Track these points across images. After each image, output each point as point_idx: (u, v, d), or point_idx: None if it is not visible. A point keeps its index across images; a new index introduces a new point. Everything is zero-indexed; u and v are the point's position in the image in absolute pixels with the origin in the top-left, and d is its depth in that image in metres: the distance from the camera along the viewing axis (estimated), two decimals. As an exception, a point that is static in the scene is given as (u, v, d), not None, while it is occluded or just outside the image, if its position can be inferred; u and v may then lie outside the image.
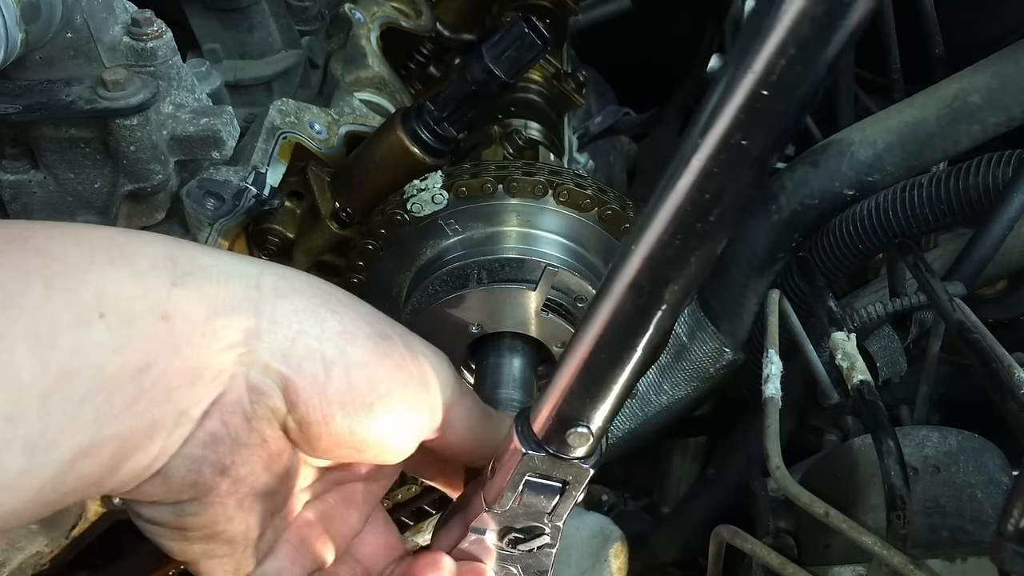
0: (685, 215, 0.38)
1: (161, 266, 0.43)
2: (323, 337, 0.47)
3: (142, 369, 0.41)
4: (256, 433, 0.47)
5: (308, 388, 0.46)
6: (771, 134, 0.36)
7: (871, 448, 0.79)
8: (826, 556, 0.84)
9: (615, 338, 0.44)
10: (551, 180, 0.81)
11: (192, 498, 0.47)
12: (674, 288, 0.41)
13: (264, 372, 0.46)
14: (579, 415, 0.47)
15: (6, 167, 0.86)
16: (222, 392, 0.45)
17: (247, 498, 0.48)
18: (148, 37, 0.81)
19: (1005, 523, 0.60)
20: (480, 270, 0.80)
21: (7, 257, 0.39)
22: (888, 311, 0.96)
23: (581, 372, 0.46)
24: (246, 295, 0.45)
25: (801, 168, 1.10)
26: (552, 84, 1.20)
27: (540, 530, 0.54)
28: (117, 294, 0.41)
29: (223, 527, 0.48)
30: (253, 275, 0.46)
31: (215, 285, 0.44)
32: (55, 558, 1.00)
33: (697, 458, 1.42)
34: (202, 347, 0.43)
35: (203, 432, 0.45)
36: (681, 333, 1.21)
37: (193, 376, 0.44)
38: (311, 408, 0.46)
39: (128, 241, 0.44)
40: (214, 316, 0.44)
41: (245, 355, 0.45)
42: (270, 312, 0.46)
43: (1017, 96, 0.99)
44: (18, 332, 0.37)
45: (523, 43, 0.84)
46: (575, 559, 1.07)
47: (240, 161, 0.88)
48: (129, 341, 0.41)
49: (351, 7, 1.15)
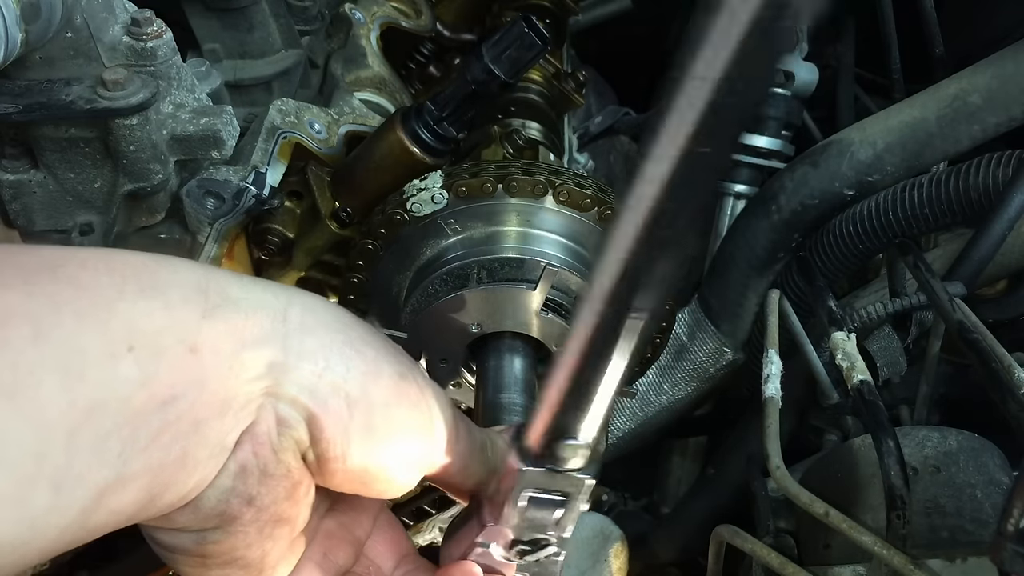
0: (650, 225, 0.39)
1: (192, 298, 0.43)
2: (348, 376, 0.47)
3: (167, 402, 0.41)
4: (283, 464, 0.47)
5: (332, 425, 0.47)
6: (725, 140, 0.38)
7: (871, 448, 0.79)
8: (826, 556, 0.84)
9: (596, 350, 0.45)
10: (551, 180, 0.81)
11: (216, 527, 0.47)
12: (647, 296, 0.42)
13: (292, 405, 0.46)
14: (571, 428, 0.48)
15: (6, 167, 0.86)
16: (252, 423, 0.46)
17: (267, 525, 0.48)
18: (148, 37, 0.81)
19: (1005, 523, 0.60)
20: (480, 270, 0.80)
21: (39, 287, 0.39)
22: (888, 311, 0.96)
23: (569, 386, 0.46)
24: (273, 328, 0.46)
25: (801, 168, 1.10)
26: (552, 84, 1.20)
27: (546, 541, 0.55)
28: (147, 326, 0.41)
29: (242, 553, 0.49)
30: (280, 307, 0.47)
31: (243, 318, 0.45)
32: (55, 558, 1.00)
33: (697, 458, 1.42)
34: (228, 379, 0.43)
35: (234, 462, 0.46)
36: (681, 333, 1.21)
37: (222, 407, 0.44)
38: (333, 444, 0.47)
39: (159, 269, 0.43)
40: (242, 349, 0.44)
41: (272, 387, 0.45)
42: (297, 347, 0.46)
43: (1017, 96, 0.99)
44: (47, 367, 0.37)
45: (523, 43, 0.84)
46: (575, 559, 1.07)
47: (240, 161, 0.88)
48: (157, 374, 0.41)
49: (351, 7, 1.15)
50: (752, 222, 1.14)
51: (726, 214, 1.35)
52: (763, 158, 1.32)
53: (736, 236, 1.16)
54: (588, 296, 0.43)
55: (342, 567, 0.55)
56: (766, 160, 1.32)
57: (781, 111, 1.30)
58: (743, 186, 1.34)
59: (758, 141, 1.30)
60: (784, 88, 1.30)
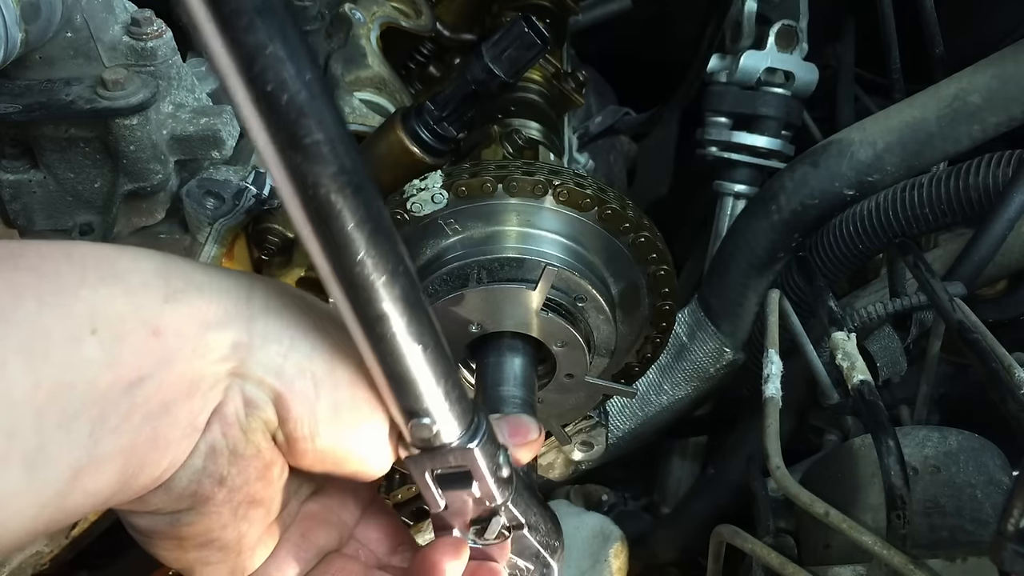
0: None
1: (153, 283, 0.44)
2: (313, 355, 0.48)
3: (134, 383, 0.42)
4: (252, 444, 0.48)
5: (299, 404, 0.47)
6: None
7: (871, 448, 0.79)
8: (826, 556, 0.84)
9: (369, 329, 0.44)
10: (551, 180, 0.81)
11: (189, 508, 0.48)
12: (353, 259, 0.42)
13: (258, 386, 0.47)
14: (410, 409, 0.48)
15: (6, 167, 0.86)
16: (220, 403, 0.46)
17: (241, 506, 0.49)
18: (148, 37, 0.81)
19: (1005, 523, 0.60)
20: (480, 270, 0.80)
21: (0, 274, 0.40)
22: (888, 311, 0.96)
23: (381, 376, 0.46)
24: (237, 311, 0.46)
25: (801, 168, 1.10)
26: (552, 84, 1.20)
27: (490, 512, 0.55)
28: (109, 310, 0.42)
29: (217, 535, 0.49)
30: (243, 290, 0.47)
31: (206, 301, 0.45)
32: (55, 558, 1.00)
33: (697, 458, 1.42)
34: (193, 360, 0.44)
35: (204, 443, 0.46)
36: (681, 333, 1.21)
37: (190, 388, 0.44)
38: (300, 424, 0.48)
39: (119, 258, 0.44)
40: (205, 330, 0.45)
41: (238, 367, 0.46)
42: (262, 328, 0.47)
43: (1017, 96, 0.99)
44: (10, 347, 0.38)
45: (523, 43, 0.84)
46: (575, 559, 1.07)
47: (240, 161, 0.88)
48: (121, 356, 0.41)
49: (351, 7, 1.15)
50: (752, 222, 1.14)
51: (726, 214, 1.35)
52: (763, 158, 1.32)
53: (736, 236, 1.16)
54: (329, 291, 0.43)
55: (323, 547, 0.55)
56: (766, 160, 1.32)
57: (781, 111, 1.30)
58: (743, 186, 1.34)
59: (758, 141, 1.30)
60: (784, 88, 1.30)
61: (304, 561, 0.54)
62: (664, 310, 0.88)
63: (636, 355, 0.93)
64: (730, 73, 1.32)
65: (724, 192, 1.35)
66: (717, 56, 1.37)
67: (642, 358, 0.94)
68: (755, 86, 1.30)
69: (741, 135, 1.32)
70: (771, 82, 1.30)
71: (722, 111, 1.34)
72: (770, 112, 1.30)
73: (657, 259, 0.84)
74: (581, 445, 1.07)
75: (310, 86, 0.37)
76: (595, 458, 1.12)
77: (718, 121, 1.35)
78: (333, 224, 0.40)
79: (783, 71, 1.29)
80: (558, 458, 1.16)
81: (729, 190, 1.34)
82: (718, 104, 1.34)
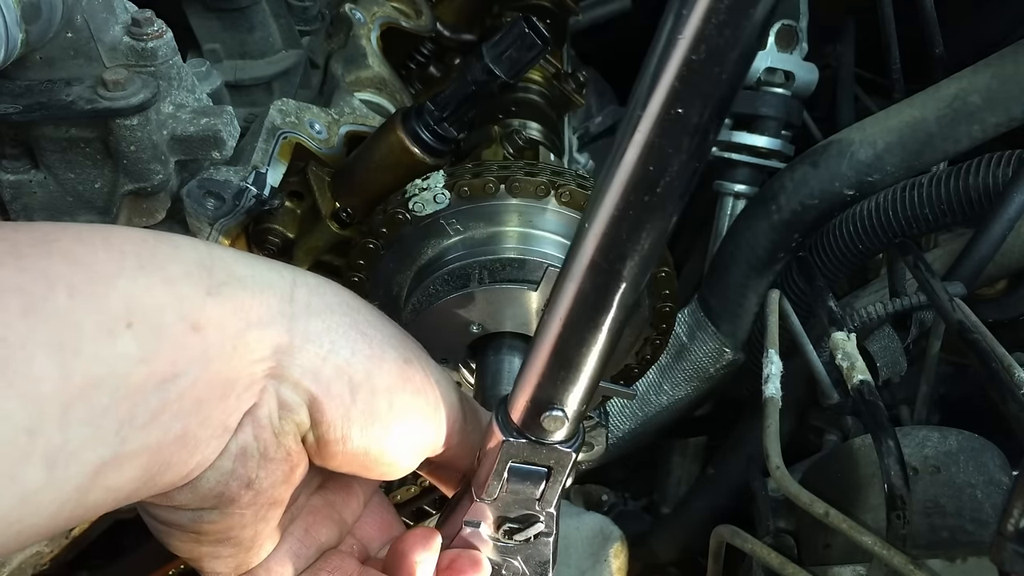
0: (633, 190, 0.39)
1: (195, 274, 0.42)
2: (352, 360, 0.47)
3: (168, 380, 0.40)
4: (283, 448, 0.47)
5: (334, 409, 0.47)
6: (708, 101, 0.36)
7: (871, 448, 0.79)
8: (826, 556, 0.84)
9: (579, 319, 0.44)
10: (553, 180, 0.81)
11: (213, 507, 0.47)
12: (631, 264, 0.42)
13: (294, 389, 0.46)
14: (553, 399, 0.48)
15: (6, 167, 0.86)
16: (254, 405, 0.45)
17: (263, 507, 0.48)
18: (148, 37, 0.81)
19: (1005, 523, 0.60)
20: (481, 270, 0.80)
21: (30, 261, 0.38)
22: (888, 311, 0.96)
23: (550, 356, 0.46)
24: (280, 308, 0.45)
25: (801, 168, 1.10)
26: (552, 84, 1.20)
27: (534, 518, 0.54)
28: (147, 302, 0.40)
29: (237, 533, 0.49)
30: (287, 287, 0.46)
31: (249, 296, 0.44)
32: (55, 558, 1.00)
33: (697, 458, 1.42)
34: (232, 359, 0.43)
35: (235, 444, 0.45)
36: (681, 333, 1.21)
37: (224, 388, 0.43)
38: (333, 428, 0.47)
39: (159, 245, 0.42)
40: (247, 328, 0.43)
41: (276, 369, 0.45)
42: (303, 329, 0.46)
43: (1017, 96, 0.99)
44: (39, 340, 0.36)
45: (523, 43, 0.84)
46: (575, 559, 1.07)
47: (240, 161, 0.88)
48: (157, 351, 0.40)
49: (351, 7, 1.15)
50: (752, 222, 1.14)
51: (726, 214, 1.35)
52: (763, 158, 1.32)
53: (736, 236, 1.16)
54: (570, 263, 0.42)
55: (324, 544, 0.55)
56: (766, 160, 1.32)
57: (781, 111, 1.30)
58: (743, 186, 1.34)
59: (758, 141, 1.30)
60: (784, 88, 1.30)
61: (304, 558, 0.54)
62: (664, 312, 0.88)
63: (636, 356, 0.93)
64: (730, 73, 1.32)
65: (724, 192, 1.35)
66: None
67: (642, 359, 0.94)
68: (755, 86, 1.30)
69: (741, 135, 1.32)
70: (771, 82, 1.30)
71: (722, 111, 1.34)
72: (770, 112, 1.30)
73: (657, 260, 0.84)
74: (581, 445, 1.07)
75: None
76: (595, 458, 1.12)
77: (718, 121, 1.35)
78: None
79: (783, 71, 1.29)
80: (558, 458, 1.15)
81: (729, 190, 1.34)
82: (718, 104, 1.34)
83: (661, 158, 0.37)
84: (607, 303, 0.43)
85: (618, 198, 0.39)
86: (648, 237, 0.41)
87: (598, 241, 0.41)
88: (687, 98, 0.35)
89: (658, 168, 0.38)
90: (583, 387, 0.47)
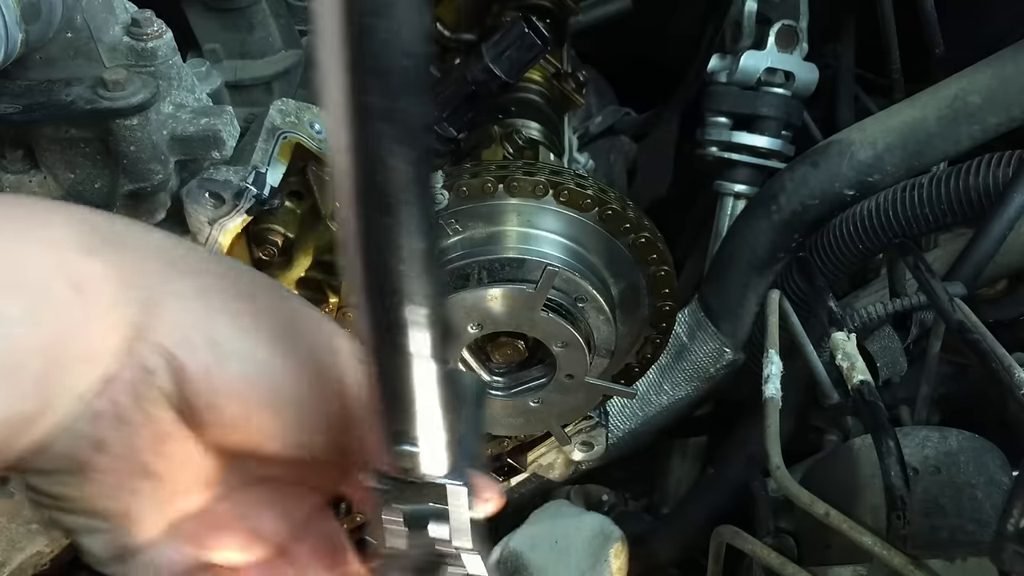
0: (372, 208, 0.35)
1: (75, 237, 0.41)
2: (223, 323, 0.45)
3: (50, 344, 0.39)
4: (142, 412, 0.44)
5: (201, 376, 0.44)
6: None
7: (871, 448, 0.79)
8: (826, 556, 0.84)
9: (386, 345, 0.39)
10: (552, 180, 0.81)
11: (66, 471, 0.45)
12: (410, 284, 0.37)
13: (159, 352, 0.44)
14: (403, 434, 0.42)
15: (6, 167, 0.86)
16: (115, 369, 0.43)
17: (127, 476, 0.46)
18: (148, 37, 0.81)
19: (1005, 523, 0.60)
20: (480, 270, 0.80)
21: None
22: (888, 311, 0.96)
23: (380, 390, 0.41)
24: (158, 270, 0.44)
25: (801, 168, 1.10)
26: (552, 84, 1.20)
27: (448, 561, 0.47)
28: (29, 264, 0.39)
29: (103, 504, 0.46)
30: (167, 250, 0.45)
31: (128, 258, 0.43)
32: (55, 558, 1.00)
33: (697, 458, 1.42)
34: (104, 318, 0.41)
35: (88, 408, 0.43)
36: (681, 333, 1.21)
37: (88, 349, 0.42)
38: (198, 395, 0.44)
39: (33, 206, 0.42)
40: (125, 289, 0.42)
41: (144, 331, 0.43)
42: (175, 291, 0.44)
43: (1017, 96, 0.99)
44: None
45: (523, 43, 0.84)
46: (575, 559, 1.07)
47: (240, 161, 0.88)
48: (42, 315, 0.39)
49: (351, 7, 1.15)
50: (752, 222, 1.14)
51: (726, 214, 1.35)
52: (763, 158, 1.32)
53: (736, 236, 1.16)
54: (357, 295, 0.38)
55: (210, 551, 0.50)
56: (766, 160, 1.32)
57: (781, 111, 1.30)
58: (743, 186, 1.34)
59: (758, 141, 1.30)
60: (784, 88, 1.30)
61: (189, 558, 0.50)
62: (664, 311, 0.88)
63: (636, 356, 0.93)
64: (730, 73, 1.32)
65: (724, 192, 1.35)
66: (717, 56, 1.37)
67: (642, 359, 0.94)
68: (755, 86, 1.30)
69: (741, 135, 1.32)
70: (771, 82, 1.30)
71: (722, 111, 1.34)
72: (770, 112, 1.30)
73: (657, 260, 0.84)
74: (581, 445, 1.07)
75: None
76: (595, 458, 1.12)
77: (718, 121, 1.35)
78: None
79: (783, 71, 1.29)
80: (558, 458, 1.16)
81: (729, 190, 1.34)
82: (718, 104, 1.34)
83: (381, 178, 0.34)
84: (396, 322, 0.38)
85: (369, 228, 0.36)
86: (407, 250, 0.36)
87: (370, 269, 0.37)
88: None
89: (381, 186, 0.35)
90: (423, 412, 0.41)
